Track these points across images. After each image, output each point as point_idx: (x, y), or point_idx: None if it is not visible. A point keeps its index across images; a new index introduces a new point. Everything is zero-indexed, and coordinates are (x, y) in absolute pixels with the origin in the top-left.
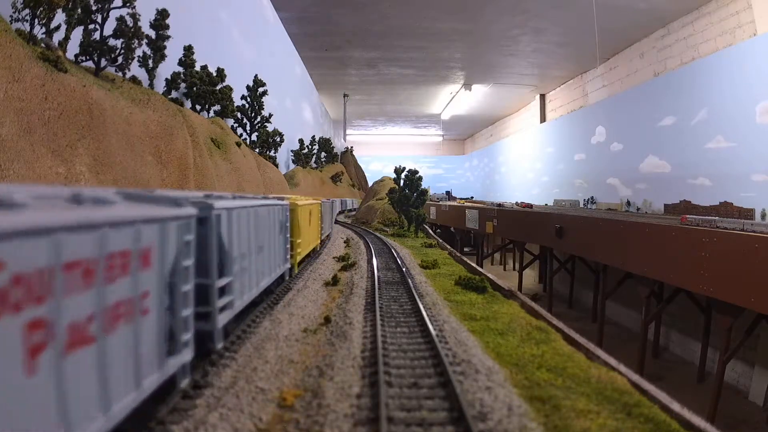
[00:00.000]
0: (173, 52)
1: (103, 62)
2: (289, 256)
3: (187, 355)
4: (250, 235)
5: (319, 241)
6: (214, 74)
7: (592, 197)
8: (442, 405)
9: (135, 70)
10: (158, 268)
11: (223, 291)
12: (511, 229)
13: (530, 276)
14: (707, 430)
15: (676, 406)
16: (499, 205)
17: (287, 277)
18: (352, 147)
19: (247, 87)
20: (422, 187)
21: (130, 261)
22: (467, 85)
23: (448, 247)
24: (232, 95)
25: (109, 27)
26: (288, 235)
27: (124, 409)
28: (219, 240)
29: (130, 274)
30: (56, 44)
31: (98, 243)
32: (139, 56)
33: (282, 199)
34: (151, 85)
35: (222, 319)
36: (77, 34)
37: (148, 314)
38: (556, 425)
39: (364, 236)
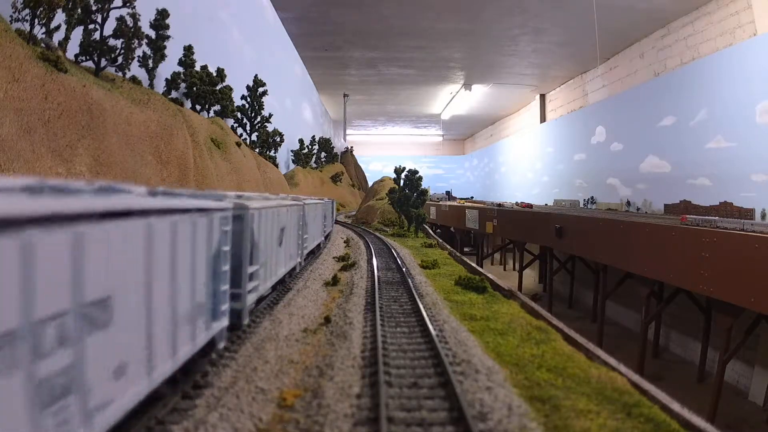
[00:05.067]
0: (173, 52)
1: (103, 62)
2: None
3: None
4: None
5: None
6: (214, 74)
7: (592, 197)
8: (442, 405)
9: (135, 70)
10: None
11: None
12: (511, 229)
13: (530, 276)
14: (707, 430)
15: (676, 406)
16: (499, 205)
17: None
18: (352, 147)
19: (247, 87)
20: (422, 187)
21: None
22: (467, 85)
23: (448, 247)
24: (232, 95)
25: (109, 27)
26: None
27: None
28: None
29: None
30: (56, 44)
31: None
32: (139, 56)
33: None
34: (151, 85)
35: None
36: (77, 34)
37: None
38: (556, 425)
39: (364, 236)
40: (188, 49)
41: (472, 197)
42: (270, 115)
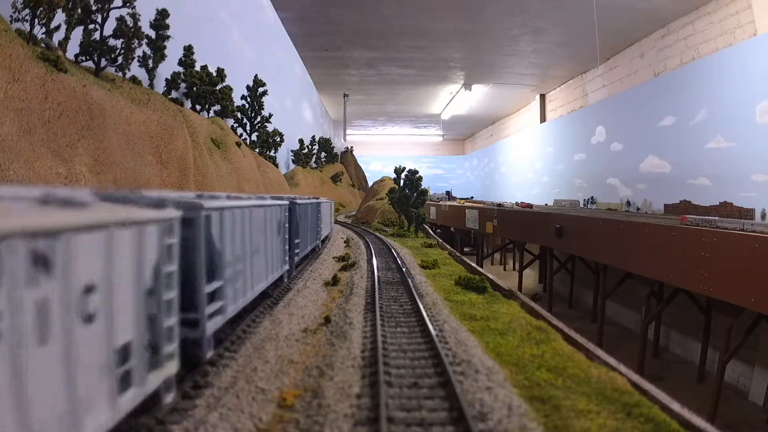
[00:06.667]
0: (173, 52)
1: (103, 62)
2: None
3: None
4: None
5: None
6: (214, 74)
7: (592, 197)
8: (442, 405)
9: (135, 70)
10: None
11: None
12: (511, 229)
13: (530, 276)
14: (707, 430)
15: (676, 406)
16: (499, 205)
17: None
18: (352, 147)
19: (247, 87)
20: (422, 187)
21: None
22: (467, 85)
23: (448, 247)
24: (232, 95)
25: (109, 27)
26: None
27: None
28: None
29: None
30: (56, 44)
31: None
32: (139, 56)
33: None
34: (151, 85)
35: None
36: (77, 34)
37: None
38: (556, 425)
39: (363, 236)
40: (188, 49)
41: (472, 197)
42: (270, 115)
